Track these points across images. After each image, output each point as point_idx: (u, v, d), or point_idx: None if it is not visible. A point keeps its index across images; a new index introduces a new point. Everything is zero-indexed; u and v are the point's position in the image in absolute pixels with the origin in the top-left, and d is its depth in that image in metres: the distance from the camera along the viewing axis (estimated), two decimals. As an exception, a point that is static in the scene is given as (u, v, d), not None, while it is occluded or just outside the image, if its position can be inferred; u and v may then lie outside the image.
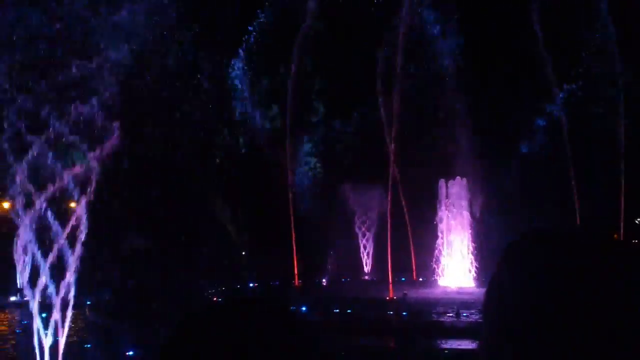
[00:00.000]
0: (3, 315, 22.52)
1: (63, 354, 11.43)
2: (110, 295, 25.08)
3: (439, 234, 30.78)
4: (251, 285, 30.41)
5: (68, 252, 11.84)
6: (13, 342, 16.80)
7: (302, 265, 32.80)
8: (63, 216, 12.23)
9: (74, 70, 12.33)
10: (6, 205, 28.71)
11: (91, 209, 11.98)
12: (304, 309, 19.19)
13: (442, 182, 30.70)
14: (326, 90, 39.08)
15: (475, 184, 30.65)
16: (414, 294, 25.17)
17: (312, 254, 33.57)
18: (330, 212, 34.93)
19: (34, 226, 11.75)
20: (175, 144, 32.89)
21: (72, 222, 11.88)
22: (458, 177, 30.48)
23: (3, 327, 20.14)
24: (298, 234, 33.39)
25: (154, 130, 31.26)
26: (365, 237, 36.86)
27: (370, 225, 36.55)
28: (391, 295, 24.63)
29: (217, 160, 37.97)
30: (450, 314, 19.42)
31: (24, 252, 12.02)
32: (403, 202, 32.52)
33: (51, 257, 11.77)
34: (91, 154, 11.99)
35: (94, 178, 11.85)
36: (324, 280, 33.10)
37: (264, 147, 37.28)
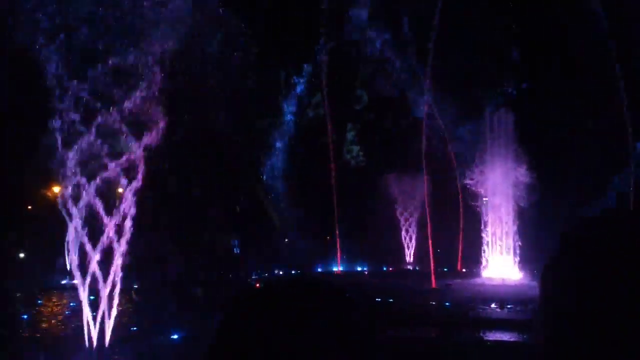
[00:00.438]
0: (54, 297, 23.14)
1: (110, 335, 11.68)
2: (157, 279, 25.53)
3: (483, 225, 30.39)
4: (293, 272, 30.58)
5: (116, 237, 12.07)
6: (63, 323, 17.24)
7: (344, 253, 32.84)
8: (112, 202, 12.44)
9: (124, 58, 12.39)
10: (56, 189, 29.44)
11: (139, 194, 12.12)
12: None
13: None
14: (369, 79, 38.89)
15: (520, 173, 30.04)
16: (458, 284, 24.92)
17: (355, 242, 33.57)
18: (373, 201, 34.83)
19: (84, 211, 11.94)
20: (220, 130, 33.12)
21: (122, 206, 12.06)
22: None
23: (53, 310, 20.69)
24: (341, 222, 33.43)
25: (202, 115, 31.50)
26: (408, 227, 36.65)
27: (413, 214, 36.32)
28: (434, 286, 24.42)
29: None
30: (494, 306, 19.18)
31: (74, 236, 12.31)
32: (459, 193, 32.25)
33: (100, 242, 12.00)
34: (138, 144, 12.12)
35: (140, 166, 11.99)
36: (365, 269, 33.08)
37: (307, 136, 37.35)
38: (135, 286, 22.35)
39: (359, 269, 32.92)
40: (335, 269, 32.03)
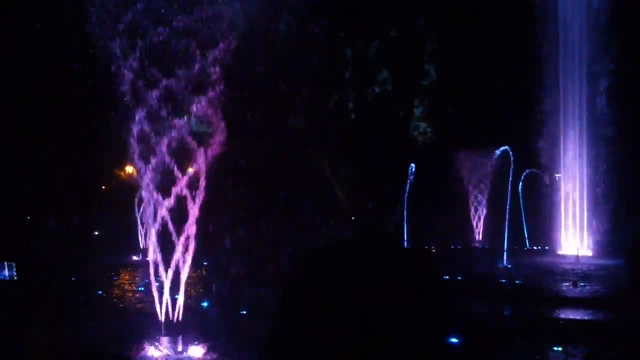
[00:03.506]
0: (127, 274, 23.92)
1: (180, 311, 11.91)
2: (223, 256, 26.02)
3: (555, 200, 29.67)
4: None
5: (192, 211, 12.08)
6: (135, 299, 17.81)
7: (411, 230, 32.56)
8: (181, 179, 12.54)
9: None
10: (129, 169, 30.35)
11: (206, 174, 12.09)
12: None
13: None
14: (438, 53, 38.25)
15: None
16: (530, 262, 24.53)
17: (422, 219, 33.24)
18: (442, 178, 34.36)
19: (155, 189, 12.01)
20: (287, 107, 33.27)
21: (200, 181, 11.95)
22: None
23: (126, 286, 21.37)
24: (408, 199, 33.12)
25: (266, 91, 31.70)
26: (478, 204, 36.06)
27: (483, 191, 35.70)
28: (505, 264, 24.02)
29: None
30: (567, 283, 18.73)
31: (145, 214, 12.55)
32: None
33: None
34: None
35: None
36: (432, 246, 32.73)
37: (374, 111, 37.05)
38: (205, 263, 22.82)
39: (426, 246, 32.58)
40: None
